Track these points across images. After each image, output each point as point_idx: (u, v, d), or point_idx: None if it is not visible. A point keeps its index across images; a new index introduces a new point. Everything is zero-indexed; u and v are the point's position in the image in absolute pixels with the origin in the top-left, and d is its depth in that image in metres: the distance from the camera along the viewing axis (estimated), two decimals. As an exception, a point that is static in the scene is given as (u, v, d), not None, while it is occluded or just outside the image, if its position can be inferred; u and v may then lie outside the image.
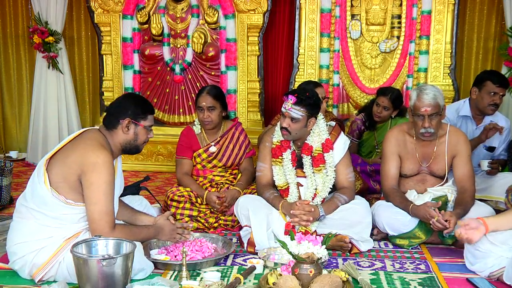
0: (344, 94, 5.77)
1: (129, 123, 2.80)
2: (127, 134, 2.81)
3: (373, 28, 5.59)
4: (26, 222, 2.70)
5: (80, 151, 2.66)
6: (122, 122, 2.79)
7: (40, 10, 5.93)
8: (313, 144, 3.40)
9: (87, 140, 2.72)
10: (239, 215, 3.41)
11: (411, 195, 3.48)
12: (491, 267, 2.79)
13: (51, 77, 6.06)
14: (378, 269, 3.00)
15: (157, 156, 5.85)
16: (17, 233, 2.72)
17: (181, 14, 5.77)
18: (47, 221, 2.67)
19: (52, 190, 2.64)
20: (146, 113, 2.85)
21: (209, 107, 3.83)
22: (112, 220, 2.70)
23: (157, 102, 5.96)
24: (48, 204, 2.65)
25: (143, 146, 2.91)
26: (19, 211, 2.76)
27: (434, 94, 3.34)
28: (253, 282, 2.78)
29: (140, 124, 2.82)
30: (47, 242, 2.67)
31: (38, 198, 2.67)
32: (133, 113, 2.80)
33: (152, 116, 2.91)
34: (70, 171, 2.65)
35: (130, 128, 2.81)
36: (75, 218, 2.70)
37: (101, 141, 2.75)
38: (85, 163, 2.63)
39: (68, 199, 2.66)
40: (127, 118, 2.79)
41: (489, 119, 4.17)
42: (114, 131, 2.81)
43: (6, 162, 4.26)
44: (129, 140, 2.82)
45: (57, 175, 2.66)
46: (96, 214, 2.65)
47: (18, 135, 6.68)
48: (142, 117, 2.83)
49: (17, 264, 2.75)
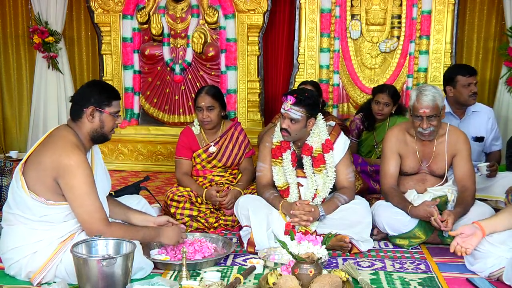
0: (344, 94, 5.77)
1: (93, 111, 2.73)
2: (93, 123, 2.74)
3: (373, 28, 5.59)
4: (15, 228, 2.69)
5: (52, 153, 2.62)
6: (86, 111, 2.72)
7: (40, 10, 5.94)
8: (313, 144, 3.40)
9: (57, 141, 2.67)
10: (239, 215, 3.41)
11: (411, 195, 3.48)
12: (491, 267, 2.79)
13: (51, 77, 6.07)
14: (378, 269, 3.00)
15: (157, 156, 5.86)
16: (9, 239, 2.71)
17: (181, 14, 5.77)
18: (33, 224, 2.65)
19: (30, 193, 2.62)
20: (110, 100, 2.77)
21: (208, 107, 3.83)
22: (104, 216, 2.67)
23: (157, 102, 5.96)
24: (30, 208, 2.64)
25: (111, 133, 2.83)
26: (7, 219, 2.74)
27: (433, 95, 3.34)
28: (253, 282, 2.78)
29: (105, 111, 2.75)
30: (39, 246, 2.65)
31: (21, 203, 2.65)
32: (96, 101, 2.73)
33: (118, 102, 2.82)
34: (44, 174, 2.62)
35: (95, 116, 2.74)
36: (59, 217, 2.68)
37: (71, 139, 2.69)
38: (58, 167, 2.59)
39: (48, 199, 2.64)
40: (91, 106, 2.72)
41: (471, 109, 4.23)
42: (80, 121, 2.74)
43: (6, 162, 4.27)
44: (95, 128, 2.75)
45: (33, 178, 2.64)
46: (85, 215, 2.63)
47: (18, 135, 6.68)
48: (106, 104, 2.76)
49: (13, 269, 2.74)
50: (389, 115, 4.61)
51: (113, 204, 2.98)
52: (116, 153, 5.90)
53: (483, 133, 4.25)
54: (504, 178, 3.93)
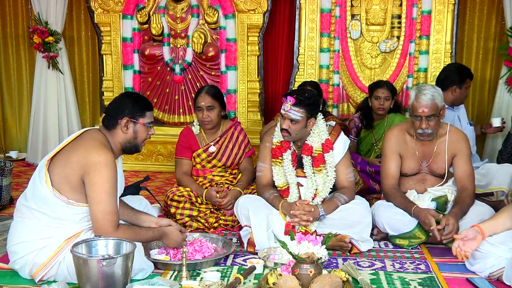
0: (344, 94, 5.77)
1: (128, 122, 2.79)
2: (126, 133, 2.80)
3: (373, 28, 5.59)
4: (27, 222, 2.70)
5: (82, 151, 2.66)
6: (120, 122, 2.78)
7: (40, 10, 5.93)
8: (313, 144, 3.40)
9: (88, 140, 2.72)
10: (239, 215, 3.41)
11: (411, 196, 3.48)
12: (491, 267, 2.79)
13: (51, 77, 6.06)
14: (378, 269, 3.01)
15: (157, 156, 5.86)
16: (18, 233, 2.72)
17: (181, 14, 5.77)
18: (47, 221, 2.67)
19: (54, 191, 2.64)
20: (144, 111, 2.84)
21: (208, 106, 3.84)
22: (116, 220, 2.69)
23: (157, 102, 5.96)
24: (49, 204, 2.65)
25: (142, 144, 2.90)
26: (20, 211, 2.76)
27: (432, 95, 3.34)
28: (253, 282, 2.78)
29: (139, 122, 2.82)
30: (47, 242, 2.66)
31: (39, 198, 2.67)
32: (130, 112, 2.79)
33: (151, 112, 2.89)
34: (72, 172, 2.64)
35: (129, 127, 2.80)
36: (76, 218, 2.70)
37: (103, 140, 2.74)
38: (87, 163, 2.62)
39: (70, 199, 2.66)
40: (125, 117, 2.78)
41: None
42: (114, 131, 2.81)
43: (6, 162, 4.26)
44: (129, 139, 2.82)
45: (59, 176, 2.66)
46: (99, 213, 2.64)
47: (18, 135, 6.68)
48: (140, 115, 2.82)
49: (18, 264, 2.74)
50: (388, 111, 4.62)
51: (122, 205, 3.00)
52: (118, 154, 5.89)
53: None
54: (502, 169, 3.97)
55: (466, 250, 2.77)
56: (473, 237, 2.78)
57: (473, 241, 2.77)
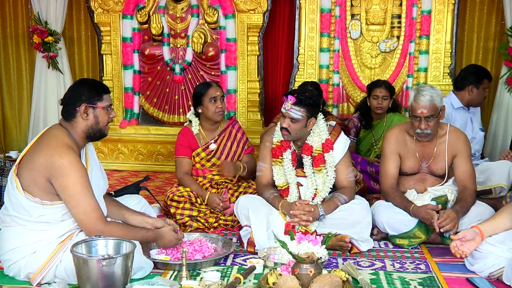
0: (344, 94, 5.77)
1: (86, 108, 2.73)
2: (87, 120, 2.75)
3: (373, 28, 5.59)
4: (13, 229, 2.69)
5: (44, 154, 2.61)
6: (79, 109, 2.73)
7: (40, 10, 5.94)
8: (313, 144, 3.40)
9: (50, 142, 2.67)
10: (239, 215, 3.41)
11: (411, 195, 3.48)
12: (491, 267, 2.79)
13: (51, 77, 6.07)
14: (378, 269, 3.00)
15: (157, 156, 5.86)
16: (7, 240, 2.70)
17: (181, 14, 5.77)
18: (31, 225, 2.65)
19: (25, 194, 2.62)
20: (101, 94, 2.78)
21: (222, 96, 3.91)
22: (100, 214, 2.67)
23: (157, 102, 5.96)
24: (26, 209, 2.63)
25: (107, 128, 2.83)
26: (4, 221, 2.74)
27: (431, 96, 3.34)
28: (253, 282, 2.78)
29: (98, 106, 2.76)
30: (38, 246, 2.65)
31: (17, 205, 2.65)
32: (87, 98, 2.74)
33: (108, 95, 2.83)
34: (38, 174, 2.61)
35: (88, 113, 2.74)
36: (56, 217, 2.67)
37: (64, 138, 2.68)
38: (51, 167, 2.58)
39: (44, 200, 2.63)
40: (83, 103, 2.73)
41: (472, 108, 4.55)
42: (74, 121, 2.75)
43: (6, 162, 4.26)
44: (91, 125, 2.76)
45: (27, 179, 2.63)
46: (82, 215, 2.63)
47: (18, 135, 6.68)
48: (98, 99, 2.76)
49: (12, 270, 2.73)
50: (386, 110, 4.63)
51: (111, 204, 2.97)
52: (116, 153, 5.90)
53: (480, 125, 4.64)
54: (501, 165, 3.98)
55: (463, 251, 2.77)
56: (471, 238, 2.78)
57: (471, 242, 2.78)
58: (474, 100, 4.44)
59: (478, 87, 4.39)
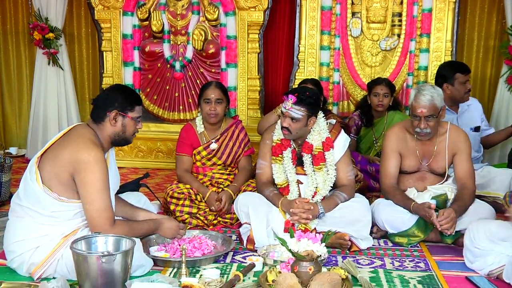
0: (344, 92, 5.77)
1: (117, 115, 2.76)
2: (115, 127, 2.78)
3: (374, 26, 5.58)
4: (22, 221, 2.69)
5: (71, 149, 2.63)
6: (109, 115, 2.76)
7: (40, 7, 5.92)
8: (314, 142, 3.39)
9: (77, 137, 2.69)
10: (239, 212, 3.41)
11: (411, 194, 3.48)
12: (491, 265, 2.80)
13: (51, 73, 6.06)
14: (377, 267, 3.01)
15: (157, 153, 5.85)
16: (14, 232, 2.71)
17: (181, 11, 5.76)
18: (41, 219, 2.66)
19: (44, 188, 2.63)
20: (133, 105, 2.82)
21: (217, 99, 3.85)
22: (111, 216, 2.69)
23: (157, 99, 5.96)
24: (41, 202, 2.64)
25: (132, 137, 2.88)
26: (14, 210, 2.75)
27: (431, 95, 3.33)
28: (253, 280, 2.78)
29: (128, 115, 2.79)
30: (43, 240, 2.66)
31: (32, 196, 2.66)
32: (120, 105, 2.77)
33: (140, 107, 2.87)
34: (61, 169, 2.63)
35: (117, 120, 2.77)
36: (69, 214, 2.69)
37: (91, 137, 2.72)
38: (76, 162, 2.60)
39: (61, 196, 2.65)
40: (114, 110, 2.76)
41: (465, 103, 4.41)
42: (102, 124, 2.78)
43: (6, 159, 4.27)
44: (118, 132, 2.79)
45: (49, 173, 2.64)
46: (94, 212, 2.64)
47: (18, 131, 6.68)
48: (129, 109, 2.80)
49: (15, 262, 2.74)
50: (387, 108, 4.63)
51: (117, 201, 2.99)
52: (116, 150, 5.84)
53: (478, 123, 4.50)
54: (503, 174, 3.97)
55: None
56: None
57: None
58: (455, 96, 4.30)
59: (452, 83, 4.25)
